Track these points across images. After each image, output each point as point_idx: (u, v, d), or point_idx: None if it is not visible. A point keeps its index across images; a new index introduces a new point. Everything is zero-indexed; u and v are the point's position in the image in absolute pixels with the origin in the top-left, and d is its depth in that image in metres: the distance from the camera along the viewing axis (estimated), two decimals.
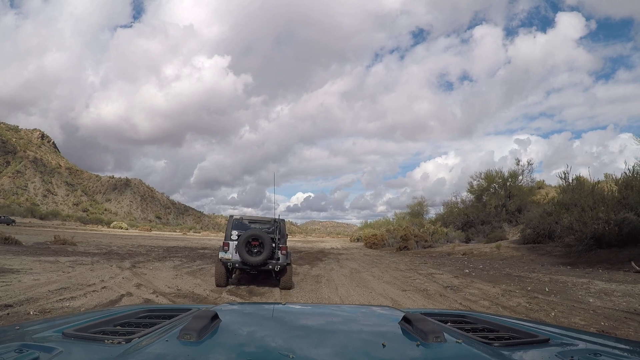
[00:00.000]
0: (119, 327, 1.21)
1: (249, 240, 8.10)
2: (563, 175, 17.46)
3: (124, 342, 0.96)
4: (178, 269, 11.77)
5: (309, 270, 12.87)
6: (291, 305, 1.75)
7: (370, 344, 1.04)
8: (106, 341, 0.97)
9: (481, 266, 14.15)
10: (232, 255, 8.20)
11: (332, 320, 1.39)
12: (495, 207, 27.87)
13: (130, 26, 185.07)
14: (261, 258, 7.95)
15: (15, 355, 0.83)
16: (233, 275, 9.26)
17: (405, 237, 24.65)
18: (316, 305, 2.30)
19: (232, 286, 8.70)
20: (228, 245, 8.33)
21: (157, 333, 1.05)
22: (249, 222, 8.93)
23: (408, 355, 0.95)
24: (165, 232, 71.01)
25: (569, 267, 13.67)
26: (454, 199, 32.03)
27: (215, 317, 1.13)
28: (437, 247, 23.86)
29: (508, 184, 26.97)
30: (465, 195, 30.70)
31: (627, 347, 1.16)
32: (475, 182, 28.49)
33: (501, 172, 26.81)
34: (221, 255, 8.27)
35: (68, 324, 1.18)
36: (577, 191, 15.91)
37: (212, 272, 10.97)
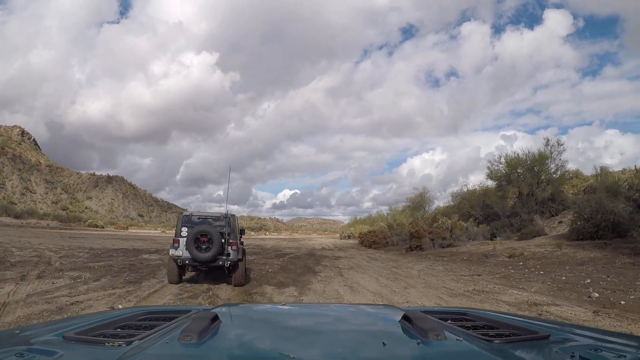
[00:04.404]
0: (119, 330, 1.15)
1: (198, 237, 7.40)
2: None
3: (125, 345, 0.90)
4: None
5: (296, 300, 6.35)
6: (291, 306, 1.68)
7: (371, 343, 0.99)
8: (107, 344, 0.91)
9: (587, 280, 7.90)
10: (182, 252, 7.46)
11: (332, 319, 1.31)
12: (519, 195, 21.89)
13: (117, 22, 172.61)
14: (210, 254, 7.27)
15: (16, 359, 0.78)
16: (186, 273, 8.32)
17: (418, 234, 18.36)
18: (316, 305, 2.17)
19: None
20: (178, 242, 7.59)
21: (157, 335, 0.99)
22: (199, 219, 8.06)
23: (409, 354, 0.90)
24: (144, 230, 63.16)
25: None
26: (464, 188, 26.01)
27: (215, 318, 1.06)
28: (458, 245, 17.65)
29: (536, 168, 20.99)
30: (480, 182, 24.80)
31: (628, 342, 1.10)
32: (493, 167, 22.45)
33: (530, 153, 20.71)
34: (171, 252, 7.55)
35: (68, 327, 1.11)
36: None
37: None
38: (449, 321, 1.27)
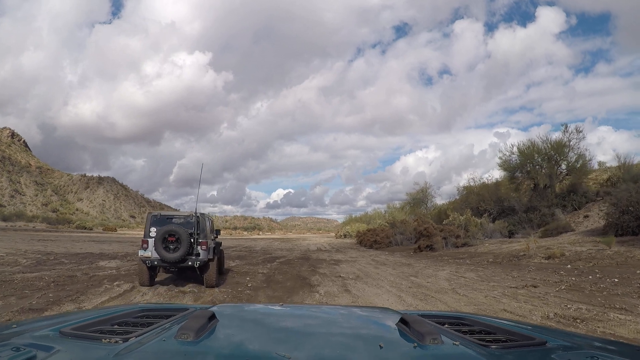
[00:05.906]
0: (116, 326, 1.09)
1: (166, 237, 7.12)
2: None
3: (121, 341, 0.88)
4: None
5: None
6: (288, 307, 1.61)
7: (367, 345, 0.95)
8: (103, 340, 0.89)
9: None
10: (151, 252, 7.22)
11: (329, 321, 1.28)
12: (534, 187, 19.46)
13: (110, 23, 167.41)
14: (178, 254, 7.06)
15: (12, 354, 0.76)
16: (157, 274, 8.07)
17: (427, 233, 15.80)
18: (314, 307, 2.06)
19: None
20: (147, 242, 7.31)
21: (154, 332, 0.96)
22: (168, 218, 7.75)
23: (405, 357, 0.88)
24: (133, 232, 60.05)
25: None
26: (471, 183, 23.57)
27: (212, 317, 1.04)
28: (475, 245, 15.12)
29: (555, 156, 18.57)
30: (488, 174, 22.39)
31: (625, 350, 1.06)
32: (505, 157, 19.97)
33: (549, 139, 18.24)
34: (141, 253, 7.30)
35: (65, 323, 1.07)
36: None
37: None
38: (446, 325, 1.21)
